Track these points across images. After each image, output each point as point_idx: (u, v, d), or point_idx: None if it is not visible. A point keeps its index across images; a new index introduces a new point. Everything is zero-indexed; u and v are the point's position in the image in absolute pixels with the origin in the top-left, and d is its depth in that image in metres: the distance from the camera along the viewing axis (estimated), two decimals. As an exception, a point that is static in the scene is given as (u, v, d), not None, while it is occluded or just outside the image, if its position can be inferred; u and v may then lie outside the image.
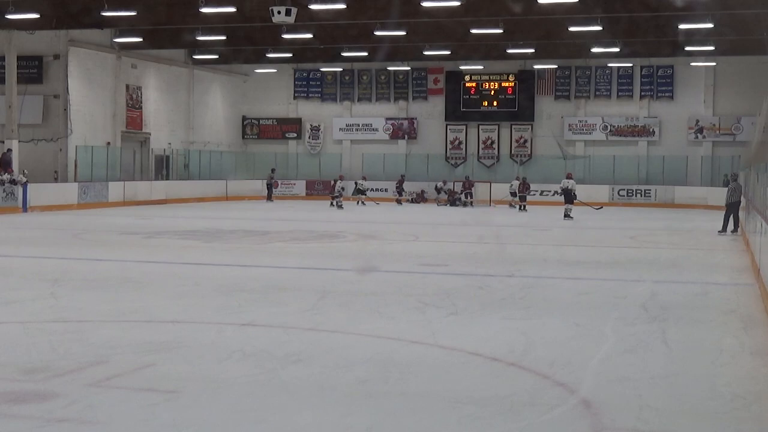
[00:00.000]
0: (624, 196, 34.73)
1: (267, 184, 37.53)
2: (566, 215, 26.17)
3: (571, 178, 27.49)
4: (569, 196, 26.69)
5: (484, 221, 26.08)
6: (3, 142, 28.51)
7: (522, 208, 31.14)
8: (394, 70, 39.90)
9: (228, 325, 8.59)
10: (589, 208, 29.17)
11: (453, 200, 34.67)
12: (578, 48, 32.25)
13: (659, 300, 10.56)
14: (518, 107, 38.72)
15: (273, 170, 38.55)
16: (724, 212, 21.46)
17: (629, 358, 7.38)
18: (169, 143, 37.34)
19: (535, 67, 38.06)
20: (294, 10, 23.14)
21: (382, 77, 40.36)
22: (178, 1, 26.05)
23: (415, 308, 9.69)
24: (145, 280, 12.02)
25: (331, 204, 32.24)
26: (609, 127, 37.86)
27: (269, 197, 36.97)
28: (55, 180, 30.90)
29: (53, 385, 6.17)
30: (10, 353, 7.22)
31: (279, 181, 39.41)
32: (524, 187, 31.92)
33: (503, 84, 38.82)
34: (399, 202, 36.07)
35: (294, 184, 39.71)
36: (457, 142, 39.62)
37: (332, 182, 33.60)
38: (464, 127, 39.44)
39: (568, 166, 37.46)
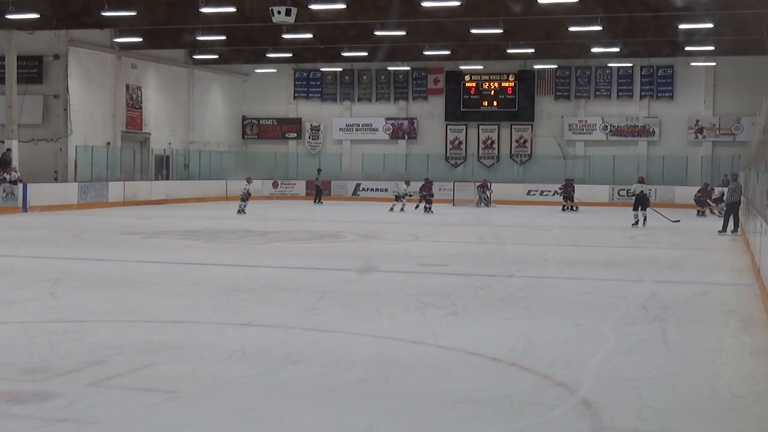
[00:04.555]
0: (624, 196, 34.66)
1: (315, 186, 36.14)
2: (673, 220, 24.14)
3: (642, 182, 24.51)
4: (645, 201, 23.83)
5: (484, 221, 26.06)
6: (3, 142, 28.51)
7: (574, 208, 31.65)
8: (394, 70, 39.88)
9: (228, 325, 8.58)
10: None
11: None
12: (578, 48, 32.24)
13: (659, 300, 10.56)
14: (518, 107, 38.70)
15: (319, 171, 37.58)
16: (724, 212, 21.46)
17: (629, 358, 7.37)
18: (169, 143, 37.33)
19: (535, 67, 38.05)
20: (294, 10, 23.15)
21: (382, 77, 40.34)
22: (178, 1, 26.05)
23: (415, 308, 9.68)
24: (145, 280, 12.01)
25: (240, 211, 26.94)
26: (609, 127, 37.85)
27: (318, 199, 35.61)
28: (55, 180, 30.89)
29: (53, 385, 6.17)
30: (10, 353, 7.22)
31: (279, 181, 39.52)
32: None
33: (503, 84, 38.81)
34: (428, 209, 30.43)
35: (294, 184, 39.69)
36: (457, 142, 39.61)
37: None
38: (464, 127, 39.42)
39: (568, 165, 37.51)
